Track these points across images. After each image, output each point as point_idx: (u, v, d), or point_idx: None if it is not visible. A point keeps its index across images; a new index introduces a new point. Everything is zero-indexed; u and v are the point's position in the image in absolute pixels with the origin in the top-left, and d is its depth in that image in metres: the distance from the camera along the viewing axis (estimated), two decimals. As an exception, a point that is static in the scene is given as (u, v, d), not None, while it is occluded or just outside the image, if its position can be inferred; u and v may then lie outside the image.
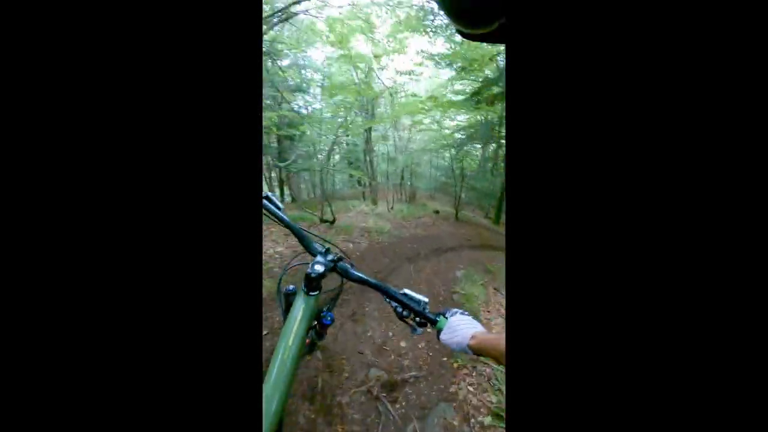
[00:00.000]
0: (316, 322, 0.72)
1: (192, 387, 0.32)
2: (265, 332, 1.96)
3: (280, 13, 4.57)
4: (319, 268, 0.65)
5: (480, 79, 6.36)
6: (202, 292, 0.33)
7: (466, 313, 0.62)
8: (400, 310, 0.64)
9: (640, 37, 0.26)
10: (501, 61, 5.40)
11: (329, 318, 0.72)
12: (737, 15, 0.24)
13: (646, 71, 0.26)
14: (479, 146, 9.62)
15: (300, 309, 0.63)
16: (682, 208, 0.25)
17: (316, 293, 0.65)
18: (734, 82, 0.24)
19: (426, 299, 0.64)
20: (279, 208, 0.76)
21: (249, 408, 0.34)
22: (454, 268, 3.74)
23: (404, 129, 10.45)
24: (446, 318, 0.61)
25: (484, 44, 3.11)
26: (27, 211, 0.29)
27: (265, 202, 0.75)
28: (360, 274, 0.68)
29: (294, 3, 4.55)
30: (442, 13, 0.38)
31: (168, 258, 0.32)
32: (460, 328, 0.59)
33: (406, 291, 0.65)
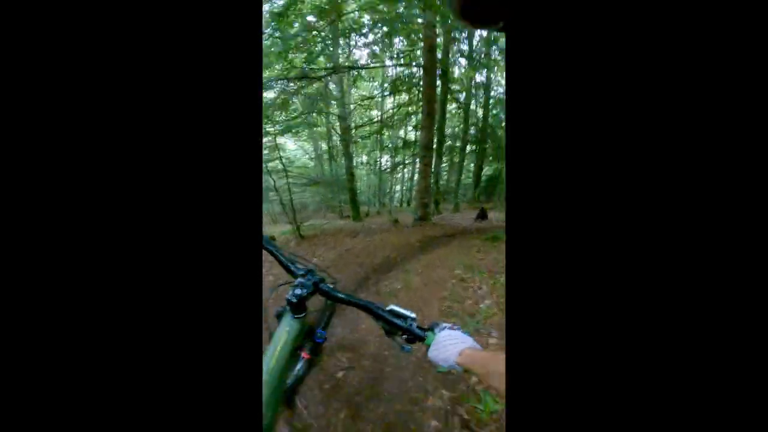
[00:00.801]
0: (308, 342, 0.73)
1: (192, 387, 0.32)
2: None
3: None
4: (299, 292, 0.64)
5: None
6: (202, 292, 0.33)
7: (457, 327, 0.59)
8: (386, 327, 0.62)
9: (644, 33, 0.26)
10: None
11: (321, 336, 0.72)
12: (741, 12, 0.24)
13: (647, 70, 0.26)
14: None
15: (284, 331, 0.62)
16: (682, 207, 0.26)
17: (302, 315, 0.65)
18: (739, 79, 0.24)
19: (413, 315, 0.62)
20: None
21: (249, 408, 0.34)
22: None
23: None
24: (434, 333, 0.59)
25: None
26: (26, 214, 0.29)
27: None
28: (342, 295, 0.66)
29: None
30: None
31: (168, 258, 0.32)
32: (449, 344, 0.56)
33: (393, 307, 0.63)
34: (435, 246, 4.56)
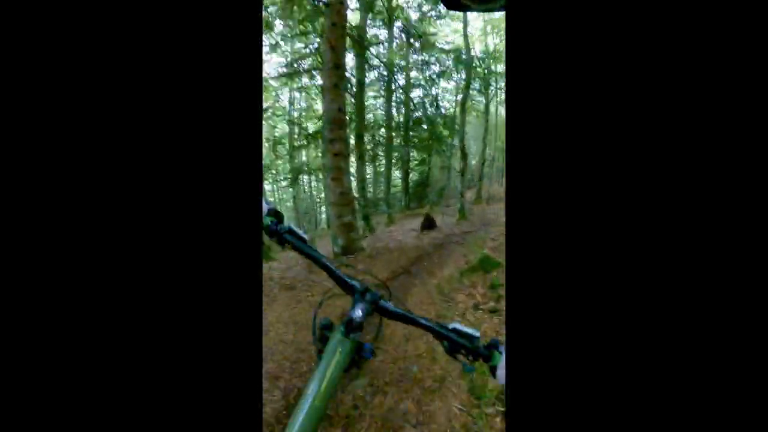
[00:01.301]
0: (356, 356, 0.64)
1: (192, 387, 0.32)
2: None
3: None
4: (360, 315, 0.57)
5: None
6: (202, 292, 0.33)
7: None
8: (449, 346, 0.58)
9: (646, 32, 0.26)
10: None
11: (369, 352, 0.62)
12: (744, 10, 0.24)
13: (649, 70, 0.26)
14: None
15: (336, 352, 0.56)
16: (682, 207, 0.26)
17: (356, 334, 0.58)
18: (743, 78, 0.24)
19: (477, 333, 0.57)
20: (303, 241, 0.66)
21: (249, 408, 0.34)
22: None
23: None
24: (500, 353, 0.54)
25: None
26: (26, 216, 0.29)
27: (287, 236, 0.65)
28: (403, 312, 0.61)
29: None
30: None
31: (168, 259, 0.32)
32: None
33: (456, 325, 0.58)
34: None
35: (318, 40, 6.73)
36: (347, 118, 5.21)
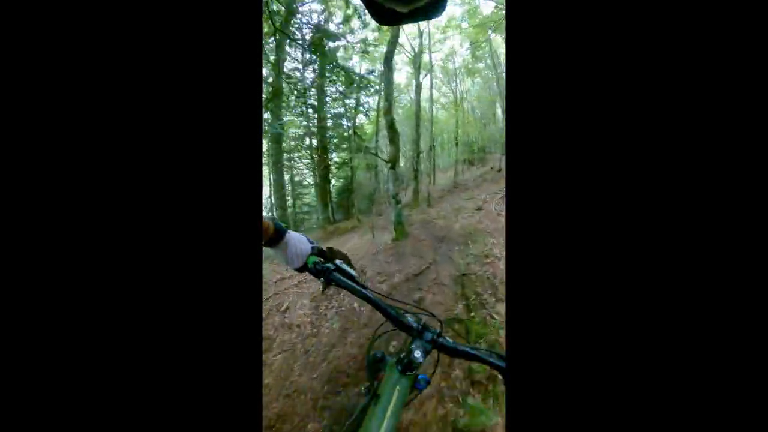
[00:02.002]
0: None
1: (192, 387, 0.32)
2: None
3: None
4: (419, 355, 0.56)
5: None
6: (202, 293, 0.33)
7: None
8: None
9: (645, 32, 0.26)
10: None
11: (424, 382, 0.59)
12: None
13: (649, 70, 0.26)
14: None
15: (395, 391, 0.54)
16: (682, 206, 0.26)
17: (413, 373, 0.57)
18: (741, 76, 0.24)
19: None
20: (352, 278, 0.64)
21: (249, 408, 0.34)
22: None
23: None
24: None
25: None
26: (26, 217, 0.29)
27: (335, 274, 0.63)
28: (463, 347, 0.59)
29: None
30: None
31: (168, 260, 0.32)
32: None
33: None
34: None
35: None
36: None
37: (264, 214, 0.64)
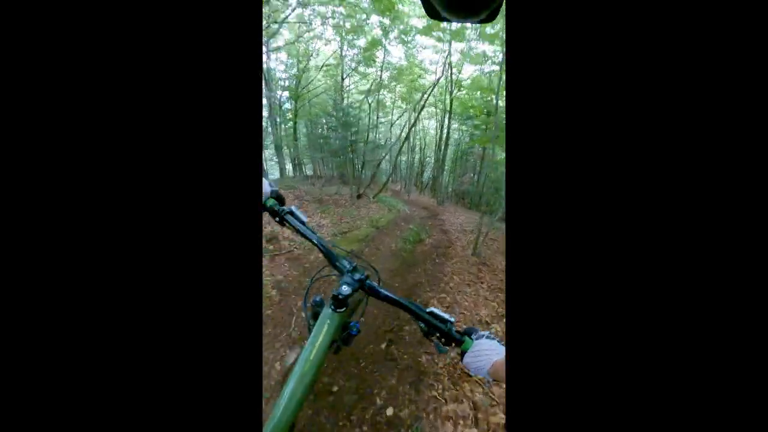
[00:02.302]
0: (344, 332, 0.70)
1: (193, 387, 0.32)
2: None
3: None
4: (346, 290, 0.63)
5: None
6: (202, 292, 0.33)
7: (492, 336, 0.61)
8: (425, 328, 0.63)
9: (645, 32, 0.26)
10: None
11: (356, 329, 0.69)
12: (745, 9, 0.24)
13: (648, 69, 0.26)
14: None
15: (325, 325, 0.62)
16: (682, 206, 0.26)
17: (342, 310, 0.64)
18: (744, 79, 0.24)
19: (453, 319, 0.63)
20: (303, 223, 0.74)
21: (249, 408, 0.34)
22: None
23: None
24: (472, 340, 0.60)
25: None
26: (27, 218, 0.29)
27: (288, 217, 0.73)
28: (387, 293, 0.66)
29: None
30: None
31: (168, 259, 0.32)
32: (484, 353, 0.58)
33: (433, 309, 0.64)
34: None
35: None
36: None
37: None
